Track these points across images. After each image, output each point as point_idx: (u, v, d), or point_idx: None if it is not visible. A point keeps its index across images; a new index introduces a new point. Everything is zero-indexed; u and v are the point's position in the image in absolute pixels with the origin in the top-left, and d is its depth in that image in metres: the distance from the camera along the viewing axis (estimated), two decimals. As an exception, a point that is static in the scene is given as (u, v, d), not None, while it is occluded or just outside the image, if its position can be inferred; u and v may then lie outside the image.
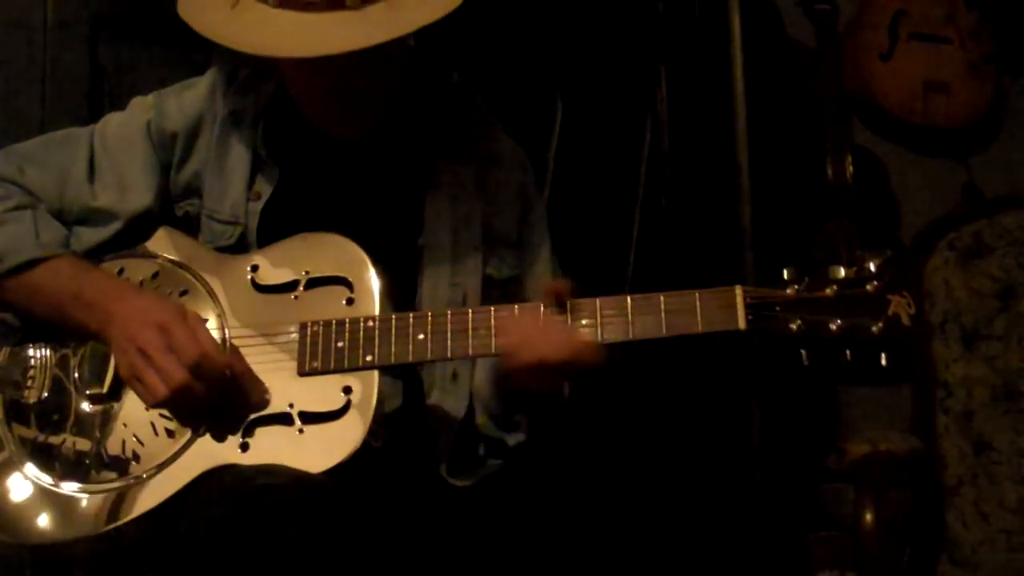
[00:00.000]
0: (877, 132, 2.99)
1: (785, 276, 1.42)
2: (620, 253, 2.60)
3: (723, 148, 2.51)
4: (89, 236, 1.60)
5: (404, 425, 1.56)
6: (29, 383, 1.53)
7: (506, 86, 2.51)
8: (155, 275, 1.56)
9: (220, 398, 1.43)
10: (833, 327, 1.39)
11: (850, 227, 2.69)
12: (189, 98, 1.64)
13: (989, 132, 3.07)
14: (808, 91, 2.83)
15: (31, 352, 1.55)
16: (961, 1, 2.93)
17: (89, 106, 2.38)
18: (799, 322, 1.39)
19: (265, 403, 1.45)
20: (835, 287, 1.40)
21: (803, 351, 1.40)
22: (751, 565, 2.30)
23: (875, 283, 1.39)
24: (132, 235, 1.61)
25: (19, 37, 2.38)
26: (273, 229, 1.58)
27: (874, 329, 1.38)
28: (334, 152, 1.63)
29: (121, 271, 1.58)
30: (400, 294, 1.56)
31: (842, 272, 1.40)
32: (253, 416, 1.45)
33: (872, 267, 1.40)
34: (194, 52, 2.37)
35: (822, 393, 2.86)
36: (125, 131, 1.63)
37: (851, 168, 2.72)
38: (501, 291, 1.64)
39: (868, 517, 2.07)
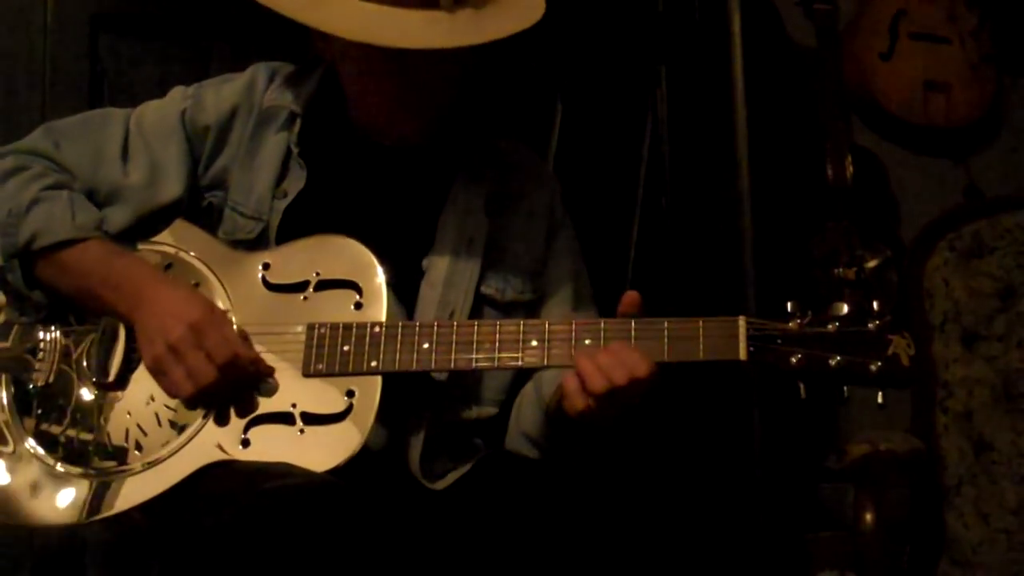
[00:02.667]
0: (877, 132, 2.99)
1: (789, 309, 1.42)
2: (620, 253, 2.60)
3: (723, 148, 2.51)
4: (116, 219, 1.59)
5: (400, 428, 1.57)
6: (37, 366, 1.54)
7: (506, 86, 2.51)
8: (168, 266, 1.57)
9: (236, 389, 1.45)
10: (832, 363, 1.39)
11: (850, 227, 2.69)
12: (226, 91, 1.65)
13: (989, 132, 3.07)
14: (808, 91, 2.83)
15: (41, 335, 1.55)
16: (961, 1, 2.93)
17: (89, 106, 2.37)
18: (799, 356, 1.40)
19: (272, 398, 1.46)
20: (837, 324, 1.40)
21: (801, 384, 1.41)
22: (751, 565, 2.30)
23: (877, 322, 1.40)
24: (157, 224, 1.61)
25: (19, 37, 2.38)
26: (295, 228, 1.58)
27: (873, 368, 1.39)
28: (371, 157, 1.63)
29: None
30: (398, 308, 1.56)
31: (845, 308, 1.41)
32: (256, 413, 1.45)
33: (875, 305, 1.40)
34: (195, 52, 2.38)
35: (822, 393, 2.86)
36: (161, 118, 1.64)
37: (851, 168, 2.72)
38: (504, 313, 1.63)
39: (868, 517, 2.07)
